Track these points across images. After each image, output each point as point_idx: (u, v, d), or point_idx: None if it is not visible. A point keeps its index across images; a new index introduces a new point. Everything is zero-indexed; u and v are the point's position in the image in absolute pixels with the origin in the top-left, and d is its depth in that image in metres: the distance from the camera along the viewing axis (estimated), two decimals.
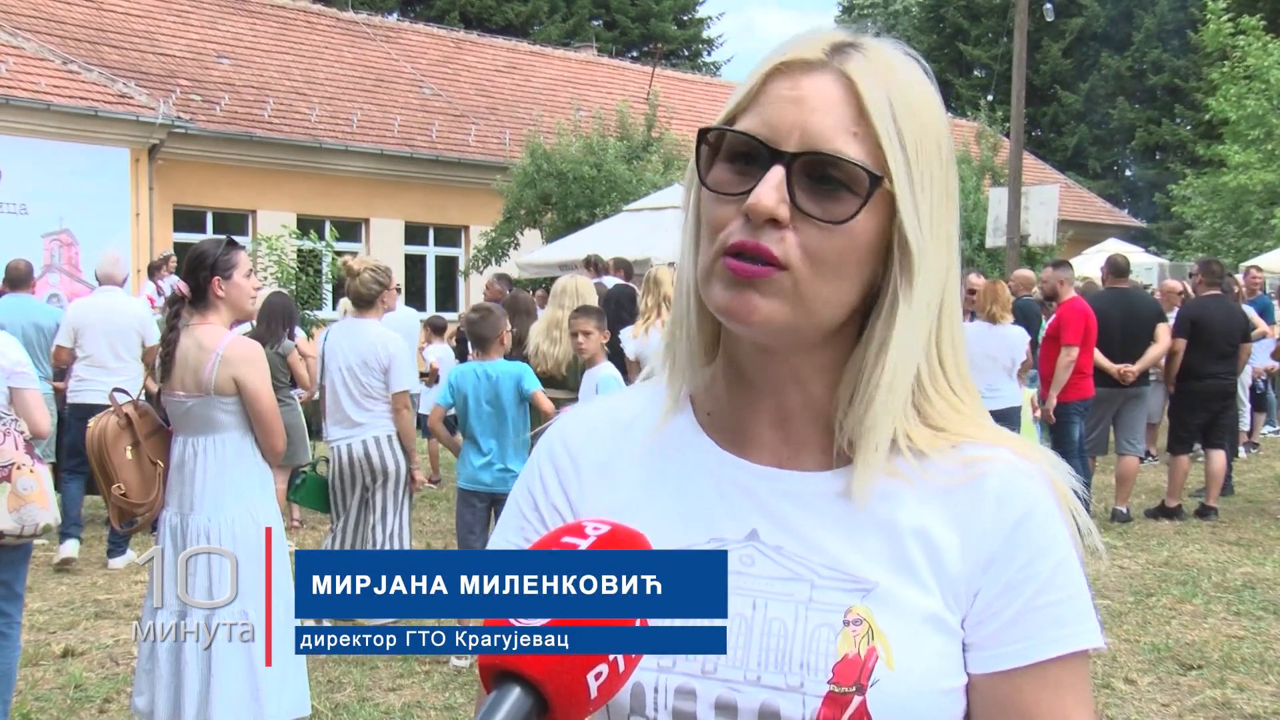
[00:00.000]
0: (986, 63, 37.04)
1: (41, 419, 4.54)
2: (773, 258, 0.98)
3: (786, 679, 1.00)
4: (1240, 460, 11.81)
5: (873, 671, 0.98)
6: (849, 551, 1.03)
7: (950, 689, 1.01)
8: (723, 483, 1.09)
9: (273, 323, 8.15)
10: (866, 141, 0.99)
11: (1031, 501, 1.03)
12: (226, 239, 4.45)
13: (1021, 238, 17.32)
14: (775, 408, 1.09)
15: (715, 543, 1.06)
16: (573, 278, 7.59)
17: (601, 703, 0.86)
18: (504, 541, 1.16)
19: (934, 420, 1.06)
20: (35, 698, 5.32)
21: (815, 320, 1.01)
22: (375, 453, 6.07)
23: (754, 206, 0.97)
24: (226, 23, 21.11)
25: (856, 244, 1.00)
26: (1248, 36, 24.19)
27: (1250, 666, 5.72)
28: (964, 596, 1.02)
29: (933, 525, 1.03)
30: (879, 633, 1.00)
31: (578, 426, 1.18)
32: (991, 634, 1.02)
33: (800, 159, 0.98)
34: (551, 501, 1.15)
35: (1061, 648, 1.01)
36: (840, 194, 0.98)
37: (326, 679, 5.52)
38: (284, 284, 14.29)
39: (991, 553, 1.02)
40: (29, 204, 15.02)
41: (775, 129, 0.99)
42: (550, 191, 17.18)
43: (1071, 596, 1.02)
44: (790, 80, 1.01)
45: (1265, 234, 22.72)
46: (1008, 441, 1.07)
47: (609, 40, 35.10)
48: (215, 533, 4.22)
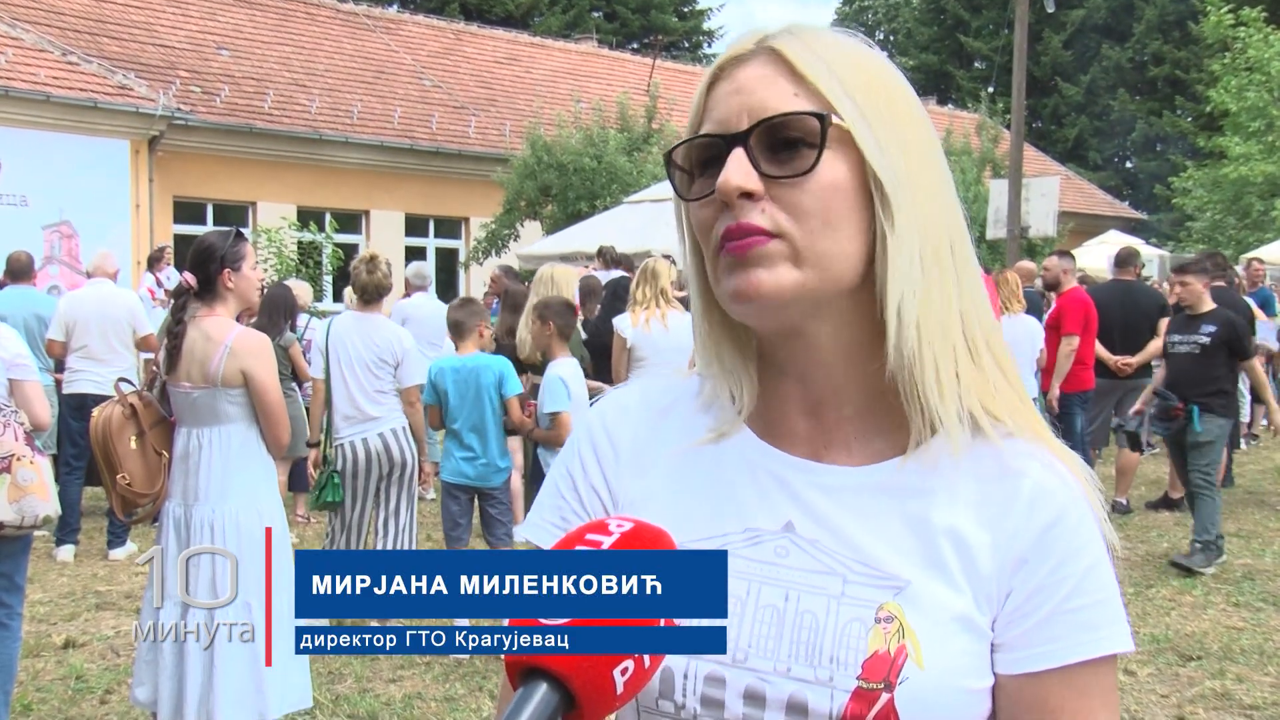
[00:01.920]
0: (987, 54, 37.01)
1: (42, 411, 4.54)
2: (761, 229, 1.00)
3: (816, 672, 1.01)
4: (1240, 452, 11.82)
5: (902, 669, 0.99)
6: (882, 548, 1.04)
7: (977, 689, 1.01)
8: (758, 473, 1.10)
9: (274, 315, 8.15)
10: (812, 96, 1.01)
11: (1064, 504, 1.04)
12: (235, 231, 4.45)
13: (1022, 229, 17.30)
14: (805, 395, 1.10)
15: (750, 534, 1.07)
16: (550, 267, 7.59)
17: (628, 698, 0.87)
18: (541, 520, 1.17)
19: (994, 399, 1.07)
20: (36, 689, 5.33)
21: (827, 277, 1.02)
22: (395, 445, 6.07)
23: (722, 186, 1.00)
24: (226, 14, 21.08)
25: (836, 189, 1.01)
26: (1248, 28, 24.15)
27: (1250, 658, 5.72)
28: (995, 597, 1.03)
29: (965, 525, 1.04)
30: (909, 631, 1.00)
31: (616, 409, 1.20)
32: (1021, 635, 1.02)
33: (753, 132, 1.01)
34: (591, 483, 1.16)
35: (1090, 651, 1.01)
36: (800, 150, 1.01)
37: (327, 670, 5.53)
38: (284, 276, 14.29)
39: (1023, 554, 1.03)
40: (29, 196, 15.01)
41: (725, 121, 1.03)
42: (550, 183, 17.17)
43: (1102, 601, 1.03)
44: (728, 78, 1.05)
45: (1266, 226, 22.69)
46: (1048, 442, 1.08)
47: (609, 32, 35.03)
48: (219, 525, 4.23)
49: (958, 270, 1.06)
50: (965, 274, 1.07)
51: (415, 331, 7.27)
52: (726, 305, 1.05)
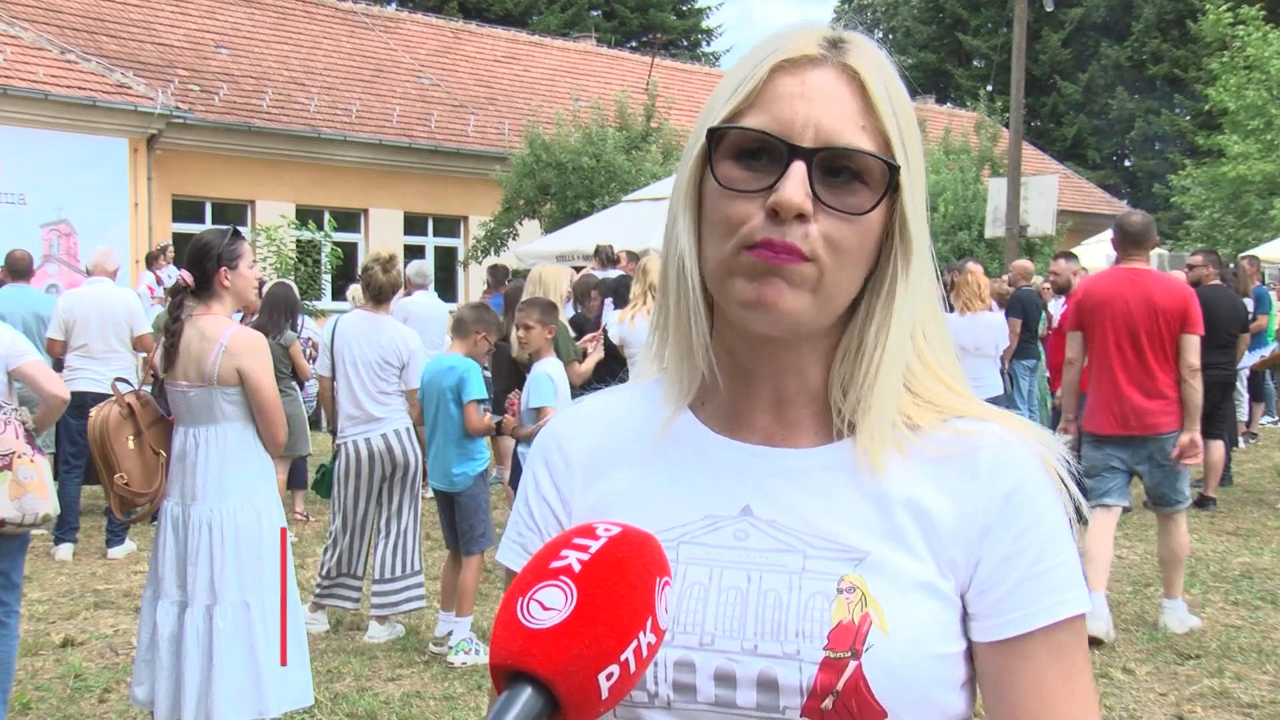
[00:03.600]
0: (986, 53, 37.03)
1: (54, 386, 4.55)
2: (800, 252, 1.00)
3: (783, 647, 1.02)
4: (1239, 451, 11.83)
5: (867, 636, 1.00)
6: (840, 523, 1.05)
7: (945, 654, 1.03)
8: (716, 463, 1.11)
9: (275, 313, 8.15)
10: (874, 134, 1.03)
11: (1023, 473, 1.06)
12: (231, 229, 4.45)
13: (1021, 228, 17.30)
14: (772, 394, 1.11)
15: (709, 520, 1.08)
16: (541, 267, 7.59)
17: (613, 703, 0.86)
18: (509, 542, 1.18)
19: (925, 396, 1.10)
20: (35, 687, 5.32)
21: (831, 309, 1.05)
22: (397, 445, 6.05)
23: (785, 202, 0.99)
24: (225, 12, 21.07)
25: (871, 232, 1.04)
26: (1247, 26, 24.16)
27: (1248, 656, 5.73)
28: (961, 566, 1.05)
29: (924, 496, 1.06)
30: (872, 599, 1.01)
31: (568, 423, 1.21)
32: (993, 603, 1.04)
33: (819, 154, 1.01)
34: (542, 495, 1.17)
35: (1061, 613, 1.04)
36: (853, 185, 1.02)
37: (326, 669, 5.53)
38: (283, 274, 14.28)
39: (986, 524, 1.05)
40: (27, 194, 15.01)
41: (788, 125, 1.01)
42: (549, 182, 17.17)
43: (1064, 563, 1.05)
44: (795, 76, 1.03)
45: (1264, 225, 22.71)
46: (997, 417, 1.10)
47: (608, 30, 35.03)
48: (217, 523, 4.23)
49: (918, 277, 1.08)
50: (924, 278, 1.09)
51: (416, 330, 7.26)
52: (727, 303, 1.05)
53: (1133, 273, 6.07)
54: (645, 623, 0.86)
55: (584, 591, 0.85)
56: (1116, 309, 5.96)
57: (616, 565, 0.87)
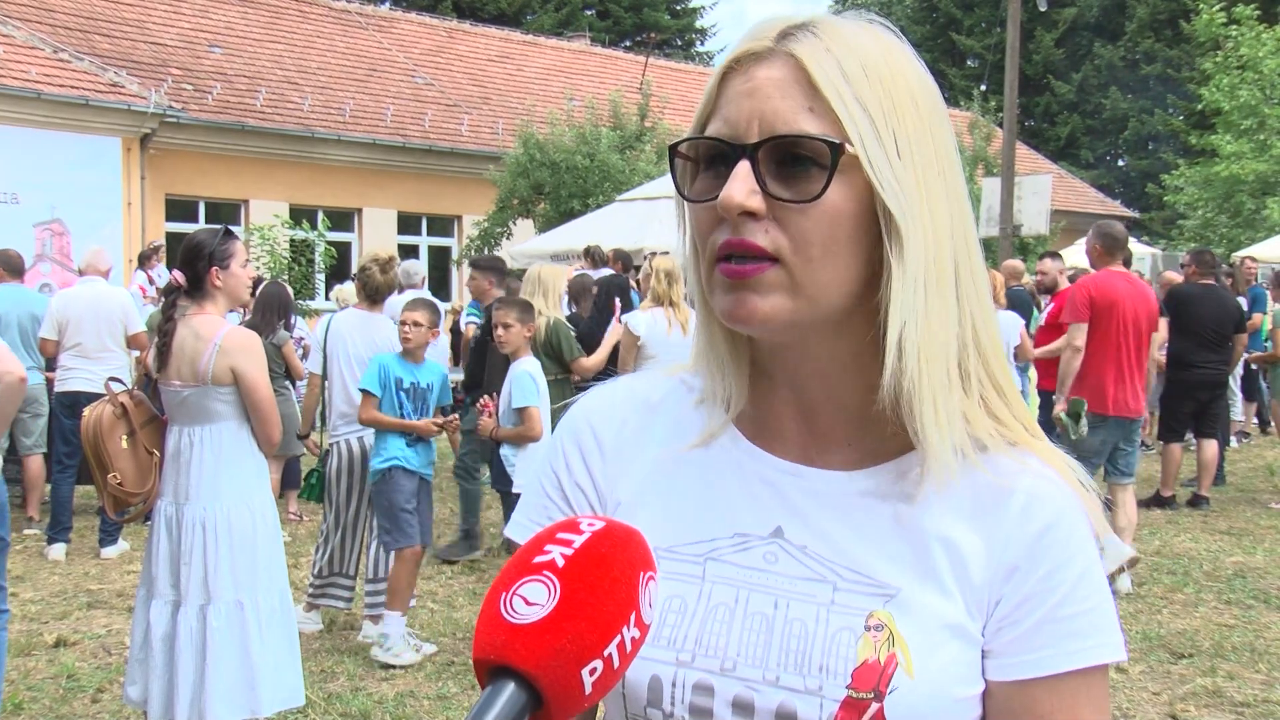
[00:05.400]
0: (979, 53, 37.06)
1: (10, 364, 4.04)
2: (761, 250, 0.97)
3: (805, 681, 0.99)
4: (1232, 450, 11.86)
5: (892, 678, 0.98)
6: (873, 555, 1.02)
7: (966, 697, 1.00)
8: (748, 476, 1.08)
9: (268, 313, 8.13)
10: (825, 115, 0.97)
11: (1057, 511, 1.02)
12: (223, 229, 4.45)
13: (1014, 228, 17.32)
14: (798, 401, 1.08)
15: (738, 538, 1.06)
16: (537, 267, 7.57)
17: (596, 699, 0.86)
18: (526, 521, 1.15)
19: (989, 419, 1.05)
20: (28, 688, 5.31)
21: (820, 308, 0.99)
22: None
23: (724, 203, 0.96)
24: (218, 11, 21.03)
25: (839, 219, 0.97)
26: (1240, 26, 24.21)
27: (1241, 655, 5.74)
28: (985, 604, 1.01)
29: (957, 532, 1.02)
30: (900, 639, 0.99)
31: (601, 403, 1.18)
32: (1010, 642, 1.01)
33: (762, 147, 0.97)
34: (576, 481, 1.14)
35: (1079, 661, 1.00)
36: (810, 172, 0.97)
37: (320, 668, 5.52)
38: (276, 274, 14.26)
39: (1014, 562, 1.01)
40: (20, 193, 14.97)
41: (735, 125, 0.99)
42: (543, 181, 17.15)
43: (1093, 609, 1.01)
44: (743, 75, 1.00)
45: (1257, 224, 22.76)
46: (1038, 449, 1.06)
47: (602, 30, 35.02)
48: (211, 522, 4.22)
49: (960, 288, 1.02)
50: (969, 289, 1.03)
51: None
52: (716, 313, 1.04)
53: (1128, 276, 7.00)
54: (629, 618, 0.86)
55: (567, 586, 0.84)
56: (1127, 308, 6.87)
57: (600, 560, 0.86)
